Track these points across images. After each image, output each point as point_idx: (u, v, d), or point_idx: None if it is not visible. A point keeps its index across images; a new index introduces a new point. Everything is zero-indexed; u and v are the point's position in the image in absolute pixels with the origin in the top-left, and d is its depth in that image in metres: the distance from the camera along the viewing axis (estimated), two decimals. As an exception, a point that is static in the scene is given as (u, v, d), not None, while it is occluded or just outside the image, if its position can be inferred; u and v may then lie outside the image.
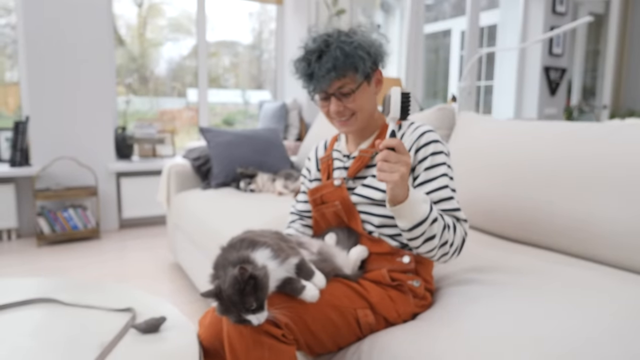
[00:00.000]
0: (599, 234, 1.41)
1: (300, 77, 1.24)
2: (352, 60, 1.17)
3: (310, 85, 1.23)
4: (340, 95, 1.21)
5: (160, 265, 2.99)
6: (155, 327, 1.06)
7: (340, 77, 1.19)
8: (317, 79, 1.19)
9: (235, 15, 4.72)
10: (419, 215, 1.08)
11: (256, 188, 2.66)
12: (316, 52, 1.19)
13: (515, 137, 1.72)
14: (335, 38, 1.19)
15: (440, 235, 1.11)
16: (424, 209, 1.08)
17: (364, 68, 1.20)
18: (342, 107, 1.23)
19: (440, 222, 1.12)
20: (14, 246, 3.34)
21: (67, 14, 3.46)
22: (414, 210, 1.07)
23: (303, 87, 1.26)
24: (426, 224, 1.09)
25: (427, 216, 1.08)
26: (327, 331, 1.09)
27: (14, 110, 3.83)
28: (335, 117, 1.25)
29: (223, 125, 4.88)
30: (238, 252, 1.01)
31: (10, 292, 1.25)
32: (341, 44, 1.17)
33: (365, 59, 1.19)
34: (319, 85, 1.21)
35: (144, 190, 3.87)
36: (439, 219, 1.11)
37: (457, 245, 1.17)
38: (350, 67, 1.18)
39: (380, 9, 6.17)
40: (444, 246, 1.14)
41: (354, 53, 1.17)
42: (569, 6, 5.79)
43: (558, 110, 5.94)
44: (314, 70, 1.19)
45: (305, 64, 1.21)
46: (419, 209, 1.08)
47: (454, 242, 1.15)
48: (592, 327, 0.99)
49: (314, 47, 1.19)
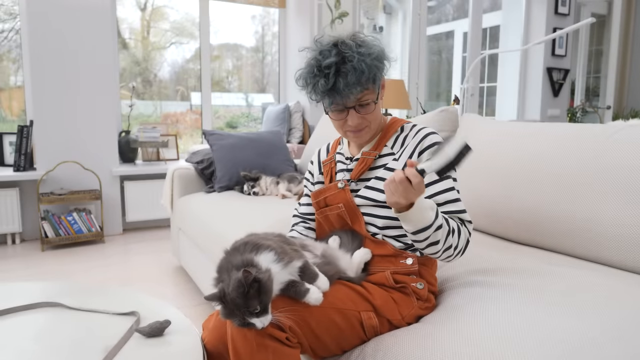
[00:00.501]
0: (602, 235, 1.41)
1: (314, 92, 1.21)
2: (374, 72, 1.17)
3: (329, 99, 1.19)
4: (360, 107, 1.20)
5: (164, 269, 2.99)
6: (159, 330, 1.06)
7: (363, 90, 1.18)
8: (339, 93, 1.16)
9: (238, 19, 4.74)
10: (423, 222, 1.09)
11: (260, 191, 2.66)
12: (334, 66, 1.15)
13: (518, 139, 1.72)
14: (354, 51, 1.15)
15: (444, 241, 1.13)
16: (429, 216, 1.09)
17: (380, 79, 1.21)
18: (361, 119, 1.22)
19: (445, 228, 1.13)
20: (18, 250, 3.35)
21: (71, 18, 3.48)
22: (419, 217, 1.08)
23: (316, 101, 1.23)
24: (430, 230, 1.10)
25: (431, 223, 1.09)
26: (331, 334, 1.09)
27: (18, 115, 3.84)
28: (351, 129, 1.24)
29: (226, 128, 4.89)
30: (242, 256, 1.01)
31: (14, 296, 1.26)
32: (361, 56, 1.15)
33: (381, 69, 1.20)
34: (340, 100, 1.18)
35: (148, 194, 3.88)
36: (443, 225, 1.12)
37: (461, 247, 1.19)
38: (371, 79, 1.18)
39: (383, 11, 6.18)
40: (447, 250, 1.15)
41: (373, 64, 1.17)
42: (571, 7, 5.78)
43: (561, 111, 5.93)
44: (337, 85, 1.15)
45: (324, 80, 1.16)
46: (425, 215, 1.08)
47: (457, 245, 1.17)
48: (596, 329, 0.98)
49: (329, 61, 1.15)
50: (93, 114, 3.63)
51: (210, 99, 4.53)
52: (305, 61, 1.21)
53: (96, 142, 3.67)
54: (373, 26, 6.25)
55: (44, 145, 3.50)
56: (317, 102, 1.24)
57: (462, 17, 6.26)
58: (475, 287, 1.27)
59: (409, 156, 1.24)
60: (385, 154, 1.28)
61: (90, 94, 3.60)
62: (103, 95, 3.65)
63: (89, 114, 3.61)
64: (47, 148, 3.51)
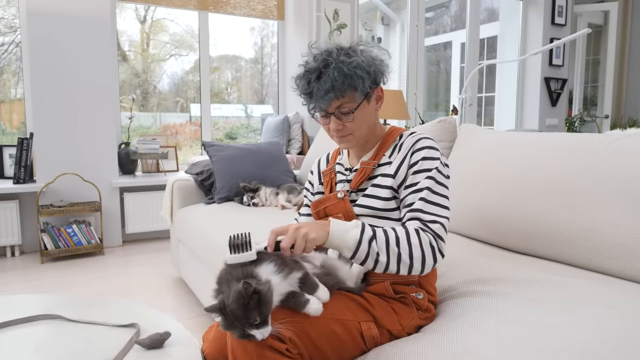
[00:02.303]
0: (601, 244, 1.41)
1: (300, 95, 1.25)
2: (350, 80, 1.17)
3: (310, 104, 1.24)
4: (340, 114, 1.22)
5: (164, 280, 2.99)
6: (159, 342, 1.06)
7: (338, 97, 1.19)
8: (316, 98, 1.20)
9: (237, 30, 4.77)
10: (351, 242, 1.07)
11: (259, 202, 2.66)
12: (315, 71, 1.19)
13: (516, 148, 1.73)
14: (334, 58, 1.18)
15: (386, 252, 1.08)
16: (353, 234, 1.07)
17: (363, 87, 1.20)
18: (341, 125, 1.23)
19: (382, 239, 1.08)
20: (18, 263, 3.34)
21: (71, 31, 3.50)
22: (342, 239, 1.07)
23: (303, 104, 1.27)
24: (364, 245, 1.07)
25: (359, 239, 1.07)
26: (331, 345, 1.08)
27: (18, 127, 3.86)
28: (335, 134, 1.27)
29: (226, 139, 4.91)
30: (242, 267, 1.01)
31: (14, 309, 1.26)
32: (340, 64, 1.16)
33: (364, 79, 1.19)
34: (318, 105, 1.21)
35: (148, 206, 3.88)
36: (378, 237, 1.08)
37: (419, 254, 1.09)
38: (349, 87, 1.18)
39: (381, 22, 6.22)
40: (400, 259, 1.08)
41: (352, 73, 1.17)
42: (567, 18, 5.82)
43: (559, 120, 5.95)
44: (312, 89, 1.19)
45: (305, 83, 1.21)
46: (348, 235, 1.07)
47: (412, 252, 1.09)
48: (596, 338, 0.98)
49: (314, 66, 1.19)
50: (93, 126, 3.64)
51: (210, 111, 4.55)
52: None
53: (96, 154, 3.68)
54: (371, 37, 6.30)
55: (44, 157, 3.51)
56: (304, 105, 1.27)
57: (460, 28, 6.31)
58: (474, 296, 1.27)
59: (402, 159, 1.24)
60: (384, 163, 1.29)
61: (90, 106, 3.62)
62: (103, 107, 3.67)
63: (88, 126, 3.63)
64: (47, 160, 3.52)
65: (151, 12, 4.41)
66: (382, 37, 6.36)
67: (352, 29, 4.61)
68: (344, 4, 4.55)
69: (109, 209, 3.76)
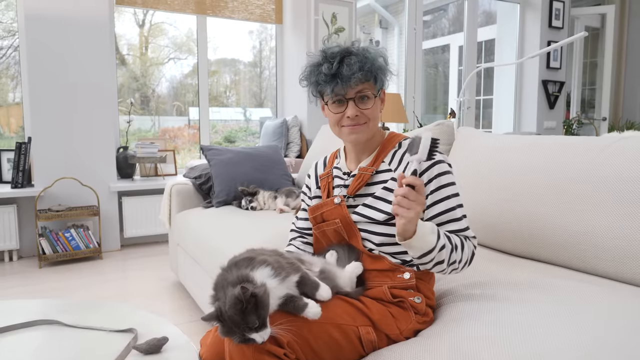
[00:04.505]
0: (599, 247, 1.41)
1: (316, 80, 1.26)
2: (374, 67, 1.23)
3: (330, 86, 1.23)
4: (360, 100, 1.24)
5: (162, 285, 2.98)
6: (157, 347, 1.05)
7: (363, 81, 1.22)
8: (341, 79, 1.21)
9: (236, 34, 4.78)
10: (426, 246, 1.12)
11: (257, 206, 2.66)
12: (338, 55, 1.22)
13: (514, 151, 1.73)
14: (357, 47, 1.25)
15: (448, 259, 1.16)
16: (431, 240, 1.12)
17: (381, 81, 1.26)
18: (359, 112, 1.25)
19: (448, 247, 1.15)
20: (16, 267, 3.33)
21: (69, 35, 3.50)
22: (422, 242, 1.11)
23: (319, 92, 1.28)
24: (434, 252, 1.13)
25: (434, 246, 1.12)
26: (330, 349, 1.08)
27: (16, 131, 3.86)
28: (349, 122, 1.26)
29: (224, 143, 4.91)
30: (238, 272, 1.01)
31: (12, 314, 1.26)
32: (365, 51, 1.23)
33: (384, 71, 1.26)
34: (342, 89, 1.22)
35: (146, 210, 3.88)
36: (446, 244, 1.15)
37: (466, 260, 1.22)
38: (373, 73, 1.23)
39: (379, 26, 6.23)
40: (452, 264, 1.18)
41: (376, 59, 1.24)
42: (565, 21, 5.84)
43: (557, 123, 5.96)
44: (339, 70, 1.21)
45: (328, 65, 1.22)
46: (427, 240, 1.11)
47: (462, 259, 1.20)
48: (594, 341, 0.98)
49: (337, 50, 1.23)
50: (91, 130, 3.64)
51: (208, 114, 4.55)
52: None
53: (94, 158, 3.67)
54: (369, 40, 6.31)
55: (42, 161, 3.51)
56: (319, 93, 1.28)
57: (458, 31, 6.33)
58: (472, 300, 1.27)
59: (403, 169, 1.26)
60: (383, 170, 1.29)
61: (89, 110, 3.62)
62: (101, 111, 3.67)
63: (87, 130, 3.63)
64: (45, 164, 3.51)
65: (150, 16, 4.42)
66: (380, 40, 6.38)
67: (350, 33, 4.62)
68: (341, 8, 4.56)
69: (107, 213, 3.75)
